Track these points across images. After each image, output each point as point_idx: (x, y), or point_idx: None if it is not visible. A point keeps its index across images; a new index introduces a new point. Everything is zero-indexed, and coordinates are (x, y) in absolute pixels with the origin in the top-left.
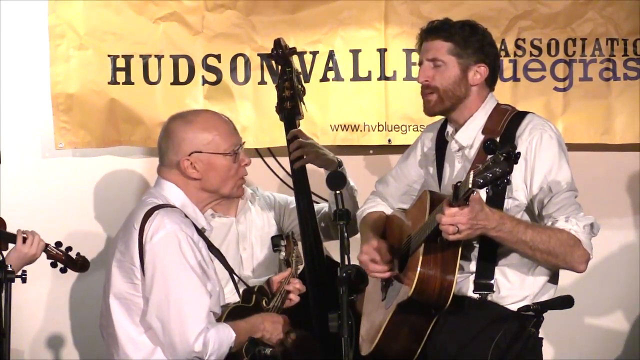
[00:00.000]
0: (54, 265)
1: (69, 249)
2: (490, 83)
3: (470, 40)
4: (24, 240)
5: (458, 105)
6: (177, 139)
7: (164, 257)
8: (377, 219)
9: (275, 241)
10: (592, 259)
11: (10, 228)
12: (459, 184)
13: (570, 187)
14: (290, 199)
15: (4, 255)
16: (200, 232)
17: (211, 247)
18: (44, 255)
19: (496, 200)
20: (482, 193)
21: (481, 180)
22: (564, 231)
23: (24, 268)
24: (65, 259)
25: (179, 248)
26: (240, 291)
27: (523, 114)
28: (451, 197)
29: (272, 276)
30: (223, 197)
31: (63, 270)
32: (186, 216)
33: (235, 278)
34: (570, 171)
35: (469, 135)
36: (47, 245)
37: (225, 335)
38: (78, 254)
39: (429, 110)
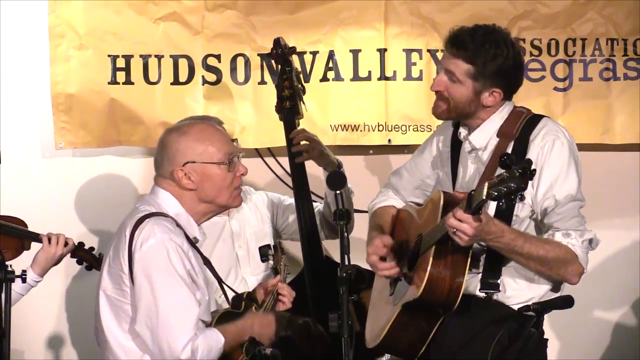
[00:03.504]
0: (79, 262)
1: (92, 249)
2: (506, 97)
3: (491, 64)
4: (49, 240)
5: (469, 116)
6: (171, 150)
7: (153, 266)
8: (387, 213)
9: (264, 251)
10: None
11: None
12: (472, 193)
13: (575, 198)
14: (283, 197)
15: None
16: (192, 242)
17: (202, 258)
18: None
19: (506, 208)
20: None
21: (495, 194)
22: (561, 245)
23: (24, 268)
24: (90, 259)
25: (168, 257)
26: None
27: (538, 118)
28: (464, 204)
29: (261, 283)
30: (221, 208)
31: (89, 268)
32: (178, 225)
33: (225, 287)
34: (578, 180)
35: (483, 137)
36: (75, 245)
37: (214, 340)
38: (100, 254)
39: (436, 116)
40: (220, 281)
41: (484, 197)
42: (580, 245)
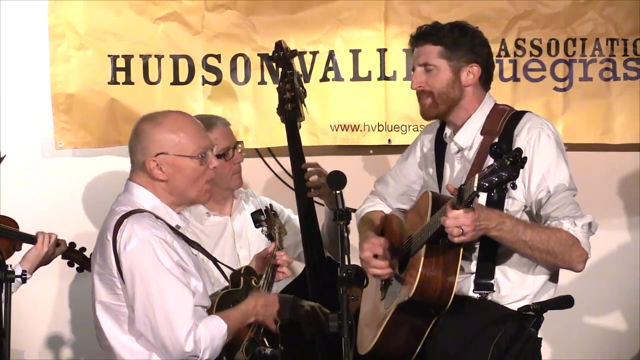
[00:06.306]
0: (70, 264)
1: (83, 249)
2: (485, 83)
3: (460, 41)
4: (43, 239)
5: (454, 107)
6: (145, 140)
7: (141, 265)
8: (376, 218)
9: (256, 217)
10: (592, 259)
11: None
12: (463, 187)
13: (568, 187)
14: (287, 210)
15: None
16: (176, 230)
17: (190, 242)
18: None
19: (497, 201)
20: (483, 195)
21: (487, 184)
22: (562, 231)
23: (24, 268)
24: (81, 260)
25: (154, 253)
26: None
27: (521, 113)
28: (455, 199)
29: (258, 253)
30: (190, 202)
31: (80, 270)
32: (158, 217)
33: (220, 265)
34: (569, 170)
35: (468, 136)
36: (67, 246)
37: (216, 328)
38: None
39: (424, 114)
40: (214, 261)
41: (475, 189)
42: (581, 230)
